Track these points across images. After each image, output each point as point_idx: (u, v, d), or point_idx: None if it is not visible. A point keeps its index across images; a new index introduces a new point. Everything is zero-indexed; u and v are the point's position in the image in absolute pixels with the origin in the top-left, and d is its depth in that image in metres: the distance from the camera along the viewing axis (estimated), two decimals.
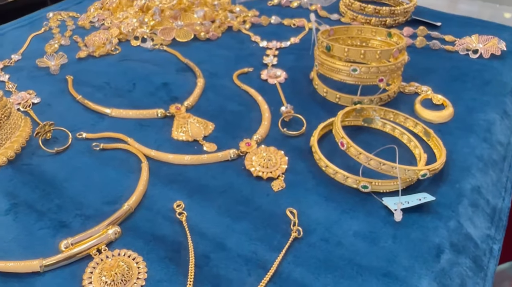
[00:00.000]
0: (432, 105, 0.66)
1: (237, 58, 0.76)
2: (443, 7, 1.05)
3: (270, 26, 0.87)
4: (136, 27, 0.80)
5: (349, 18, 0.89)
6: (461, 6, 1.11)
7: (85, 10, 0.90)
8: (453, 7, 1.09)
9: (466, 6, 1.10)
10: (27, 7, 1.44)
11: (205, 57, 0.76)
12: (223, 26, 0.84)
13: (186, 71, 0.72)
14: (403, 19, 0.88)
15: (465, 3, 1.11)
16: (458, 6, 1.11)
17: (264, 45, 0.79)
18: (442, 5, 1.10)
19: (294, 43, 0.81)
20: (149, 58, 0.75)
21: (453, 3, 1.11)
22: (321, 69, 0.67)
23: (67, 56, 0.73)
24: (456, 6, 1.10)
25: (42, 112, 0.62)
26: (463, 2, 1.11)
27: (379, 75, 0.63)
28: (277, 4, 0.95)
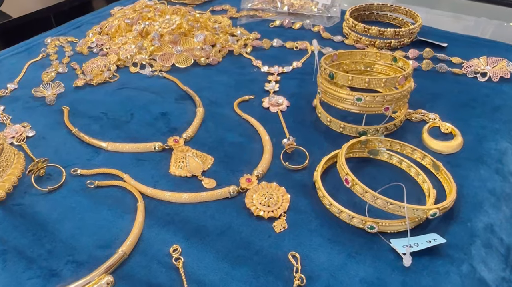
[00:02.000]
0: (440, 134, 0.63)
1: (238, 84, 0.74)
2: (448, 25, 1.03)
3: (272, 49, 0.85)
4: (135, 53, 0.78)
5: (353, 40, 0.87)
6: (468, 23, 1.08)
7: (84, 34, 0.89)
8: (459, 25, 1.07)
9: (472, 23, 1.08)
10: (33, 22, 1.44)
11: (205, 84, 0.74)
12: (223, 51, 0.82)
13: (185, 99, 0.70)
14: (408, 40, 0.86)
15: (471, 20, 1.09)
16: (464, 23, 1.08)
17: (265, 70, 0.77)
18: (447, 22, 1.07)
19: (297, 67, 0.79)
20: (148, 85, 0.73)
21: (457, 19, 1.09)
22: (325, 97, 0.65)
23: (64, 84, 0.72)
24: (462, 24, 1.08)
25: (37, 146, 0.60)
26: (469, 19, 1.09)
27: (385, 104, 0.61)
28: (279, 25, 0.93)
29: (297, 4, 0.95)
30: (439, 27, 1.02)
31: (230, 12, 0.98)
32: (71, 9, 1.58)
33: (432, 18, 1.07)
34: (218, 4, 1.02)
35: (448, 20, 1.07)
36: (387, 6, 0.93)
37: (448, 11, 1.09)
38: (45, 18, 1.52)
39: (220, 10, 1.00)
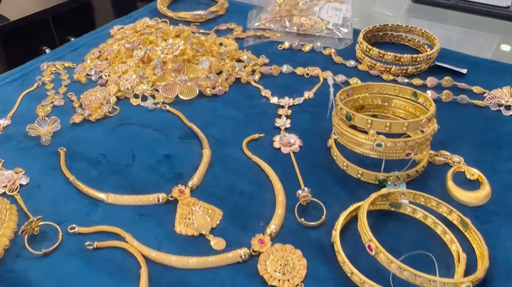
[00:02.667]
0: (465, 181, 0.59)
1: (246, 119, 0.69)
2: (466, 44, 0.98)
3: (281, 76, 0.80)
4: (136, 83, 0.73)
5: (367, 65, 0.82)
6: (484, 40, 1.03)
7: (82, 58, 0.84)
8: (476, 44, 1.02)
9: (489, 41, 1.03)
10: (31, 25, 1.39)
11: (212, 119, 0.69)
12: (230, 79, 0.77)
13: (190, 138, 0.65)
14: (425, 66, 0.81)
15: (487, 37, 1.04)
16: (481, 41, 1.03)
17: (275, 102, 0.73)
18: (465, 40, 1.02)
19: (308, 98, 0.74)
20: (150, 120, 0.69)
21: (475, 37, 1.04)
22: (341, 139, 0.60)
23: (60, 120, 0.67)
24: (479, 42, 1.03)
25: (30, 196, 0.56)
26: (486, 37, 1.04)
27: (407, 150, 0.57)
28: (288, 48, 0.88)
29: (307, 24, 0.90)
30: (457, 46, 0.98)
31: (236, 31, 0.93)
32: (70, 10, 1.53)
33: (448, 36, 1.02)
34: (223, 23, 0.97)
35: (466, 38, 1.02)
36: (402, 27, 0.88)
37: (465, 28, 1.04)
38: (43, 21, 1.48)
39: (226, 29, 0.95)
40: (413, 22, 1.09)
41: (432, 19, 1.08)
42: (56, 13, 1.49)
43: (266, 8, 0.99)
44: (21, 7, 1.46)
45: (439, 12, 1.06)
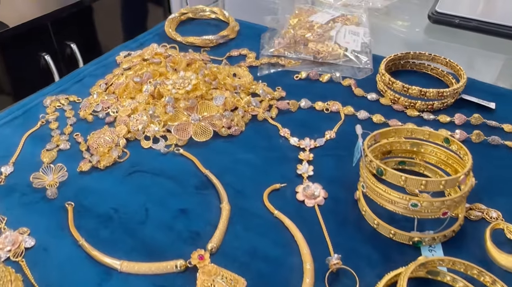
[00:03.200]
0: (506, 241, 0.54)
1: (265, 164, 0.65)
2: (492, 71, 0.94)
3: (300, 112, 0.75)
4: (146, 124, 0.68)
5: (390, 99, 0.78)
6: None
7: (87, 90, 0.79)
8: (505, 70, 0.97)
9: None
10: (30, 32, 1.34)
11: (228, 163, 0.65)
12: (246, 116, 0.73)
13: (207, 188, 0.61)
14: (452, 100, 0.76)
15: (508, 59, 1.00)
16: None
17: (295, 144, 0.68)
18: (492, 65, 0.98)
19: (330, 138, 0.70)
20: (163, 166, 0.64)
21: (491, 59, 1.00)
22: (370, 194, 0.56)
23: (66, 168, 0.63)
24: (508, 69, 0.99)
25: (37, 262, 0.51)
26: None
27: (443, 209, 0.52)
28: (304, 78, 0.83)
29: (324, 51, 0.86)
30: (480, 71, 0.93)
31: (249, 58, 0.88)
32: (70, 15, 1.49)
33: (469, 59, 0.97)
34: (235, 48, 0.92)
35: (489, 63, 0.98)
36: (424, 55, 0.84)
37: (488, 50, 1.00)
38: (42, 27, 1.43)
39: (238, 55, 0.90)
40: (431, 44, 1.05)
41: (451, 40, 1.03)
42: (56, 18, 1.45)
43: (279, 31, 0.94)
44: (19, 12, 1.42)
45: (459, 33, 1.01)
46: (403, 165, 0.65)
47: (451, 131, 0.70)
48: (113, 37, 1.70)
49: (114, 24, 1.70)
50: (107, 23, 1.65)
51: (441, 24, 1.02)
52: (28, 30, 1.35)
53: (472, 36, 1.00)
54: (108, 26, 1.65)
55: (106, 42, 1.66)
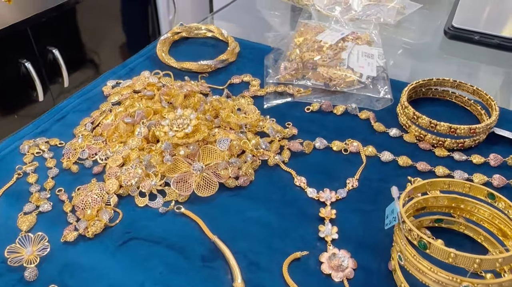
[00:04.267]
0: None
1: (281, 224, 0.56)
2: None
3: (315, 154, 0.67)
4: (141, 177, 0.59)
5: (414, 135, 0.69)
6: None
7: (71, 130, 0.69)
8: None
9: None
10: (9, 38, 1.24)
11: (238, 224, 0.56)
12: (255, 163, 0.64)
13: (216, 259, 0.52)
14: (484, 136, 0.68)
15: None
16: None
17: (313, 196, 0.59)
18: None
19: (353, 188, 0.61)
20: (162, 230, 0.55)
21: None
22: (411, 269, 0.48)
23: (48, 237, 0.53)
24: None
25: None
26: None
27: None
28: (316, 110, 0.74)
29: (337, 78, 0.77)
30: (505, 94, 0.85)
31: (253, 86, 0.79)
32: (50, 20, 1.39)
33: (491, 81, 0.89)
34: (237, 73, 0.82)
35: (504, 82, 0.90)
36: (449, 81, 0.75)
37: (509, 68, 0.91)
38: (22, 32, 1.33)
39: (240, 82, 0.80)
40: (447, 61, 0.96)
41: (469, 58, 0.95)
42: (35, 23, 1.35)
43: (284, 52, 0.85)
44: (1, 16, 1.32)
45: (477, 50, 0.93)
46: (439, 223, 0.56)
47: (487, 174, 0.62)
48: (98, 40, 1.59)
49: (98, 26, 1.59)
50: (91, 26, 1.55)
51: (459, 40, 0.94)
52: (6, 36, 1.25)
53: (487, 52, 0.92)
54: (92, 29, 1.55)
55: (91, 45, 1.56)
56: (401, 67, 0.92)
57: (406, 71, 0.92)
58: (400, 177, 0.62)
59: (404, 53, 0.96)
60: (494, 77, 0.91)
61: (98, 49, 1.61)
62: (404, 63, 0.94)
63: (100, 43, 1.62)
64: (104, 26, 1.64)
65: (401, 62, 0.94)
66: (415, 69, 0.94)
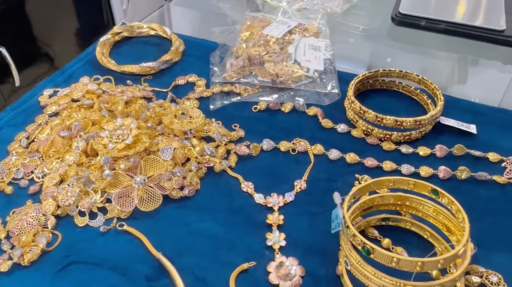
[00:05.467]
0: None
1: (228, 234, 0.55)
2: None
3: (263, 156, 0.65)
4: (79, 196, 0.56)
5: (362, 130, 0.69)
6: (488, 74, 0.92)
7: (5, 147, 0.65)
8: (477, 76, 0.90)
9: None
10: None
11: (184, 238, 0.54)
12: (201, 171, 0.62)
13: (161, 278, 0.50)
14: (430, 127, 0.68)
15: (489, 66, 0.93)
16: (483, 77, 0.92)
17: (260, 201, 0.58)
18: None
19: (301, 190, 0.60)
20: (105, 251, 0.53)
21: (458, 63, 0.93)
22: (356, 274, 0.47)
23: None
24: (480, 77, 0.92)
25: None
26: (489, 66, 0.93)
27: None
28: (264, 109, 0.73)
29: (283, 74, 0.75)
30: (449, 78, 0.86)
31: (198, 87, 0.76)
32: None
33: (436, 66, 0.90)
34: (182, 74, 0.79)
35: (458, 68, 0.91)
36: (395, 72, 0.75)
37: (456, 53, 0.92)
38: None
39: (185, 84, 0.78)
40: (395, 48, 0.96)
41: (416, 43, 0.95)
42: None
43: (230, 48, 0.82)
44: None
45: (423, 35, 0.93)
46: (387, 221, 0.56)
47: (433, 166, 0.63)
48: (51, 32, 1.50)
49: (49, 18, 1.50)
50: (41, 18, 1.46)
51: (406, 27, 0.93)
52: None
53: (439, 37, 0.93)
54: (42, 22, 1.46)
55: (43, 38, 1.47)
56: (350, 56, 0.91)
57: (355, 60, 0.92)
58: (348, 175, 0.62)
59: (353, 42, 0.95)
60: (442, 62, 0.92)
61: (51, 42, 1.52)
62: (353, 52, 0.93)
63: (53, 36, 1.53)
64: (56, 18, 1.54)
65: (350, 51, 0.93)
66: (364, 58, 0.93)
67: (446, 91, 0.76)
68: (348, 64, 0.87)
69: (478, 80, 0.88)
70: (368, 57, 0.94)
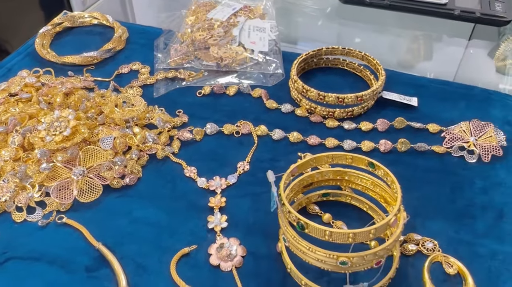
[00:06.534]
0: (445, 278, 0.49)
1: (171, 221, 0.54)
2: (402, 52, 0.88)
3: (206, 140, 0.65)
4: (15, 191, 0.55)
5: (305, 109, 0.69)
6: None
7: None
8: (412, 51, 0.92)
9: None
10: None
11: (126, 227, 0.54)
12: (142, 159, 0.61)
13: (102, 267, 0.50)
14: (372, 102, 0.69)
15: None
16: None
17: (203, 185, 0.58)
18: (402, 46, 0.92)
19: (244, 171, 0.60)
20: (43, 245, 0.52)
21: (404, 39, 0.94)
22: (294, 250, 0.48)
23: None
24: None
25: None
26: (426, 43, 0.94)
27: (376, 259, 0.46)
28: (209, 93, 0.72)
29: (228, 57, 0.74)
30: (394, 54, 0.87)
31: (142, 74, 0.75)
32: None
33: (382, 42, 0.91)
34: (125, 62, 0.78)
35: (404, 43, 0.92)
36: (338, 49, 0.75)
37: (401, 28, 0.93)
38: None
39: (129, 72, 0.76)
40: (342, 26, 0.97)
41: (364, 21, 0.96)
42: None
43: (174, 34, 0.81)
44: None
45: (371, 13, 0.94)
46: (327, 196, 0.57)
47: (375, 140, 0.64)
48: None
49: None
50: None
51: (352, 4, 0.93)
52: None
53: (387, 14, 0.93)
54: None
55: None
56: (298, 37, 0.91)
57: (304, 41, 0.92)
58: (291, 154, 0.62)
59: (300, 22, 0.95)
60: (393, 39, 0.93)
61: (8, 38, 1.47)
62: (300, 32, 0.93)
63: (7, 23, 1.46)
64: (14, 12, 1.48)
65: (297, 32, 0.93)
66: (313, 38, 0.93)
67: (396, 67, 0.76)
68: (297, 44, 0.87)
69: (430, 55, 0.89)
70: (317, 36, 0.95)
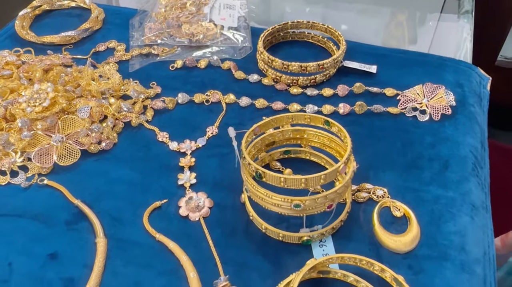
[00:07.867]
0: (393, 220, 0.54)
1: (144, 180, 0.59)
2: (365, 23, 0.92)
3: (178, 109, 0.69)
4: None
5: (272, 78, 0.74)
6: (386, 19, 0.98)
7: None
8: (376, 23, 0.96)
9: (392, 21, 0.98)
10: None
11: (103, 186, 0.58)
12: (118, 126, 0.65)
13: (80, 221, 0.54)
14: (334, 70, 0.74)
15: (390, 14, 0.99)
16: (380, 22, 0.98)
17: (174, 148, 0.63)
18: (363, 20, 0.96)
19: (213, 135, 0.65)
20: (26, 204, 0.56)
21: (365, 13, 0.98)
22: (254, 198, 0.53)
23: None
24: (378, 21, 0.97)
25: None
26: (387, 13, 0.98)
27: (328, 202, 0.51)
28: (181, 67, 0.76)
29: (199, 33, 0.79)
30: (358, 27, 0.91)
31: (118, 51, 0.79)
32: None
33: (347, 17, 0.95)
34: (102, 41, 0.82)
35: (366, 16, 0.96)
36: (303, 23, 0.80)
37: (365, 3, 0.98)
38: None
39: (105, 50, 0.80)
40: (313, 6, 1.01)
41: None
42: None
43: (149, 13, 0.85)
44: None
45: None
46: (288, 154, 0.62)
47: (335, 105, 0.69)
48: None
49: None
50: None
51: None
52: None
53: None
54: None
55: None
56: (267, 13, 0.96)
57: (272, 16, 0.96)
58: (257, 119, 0.66)
59: (272, 2, 0.99)
60: (354, 12, 0.97)
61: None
62: (270, 8, 0.98)
63: None
64: None
65: (266, 8, 0.97)
66: (281, 13, 0.97)
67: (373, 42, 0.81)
68: (265, 20, 0.91)
69: (402, 29, 0.94)
70: (286, 11, 0.99)
